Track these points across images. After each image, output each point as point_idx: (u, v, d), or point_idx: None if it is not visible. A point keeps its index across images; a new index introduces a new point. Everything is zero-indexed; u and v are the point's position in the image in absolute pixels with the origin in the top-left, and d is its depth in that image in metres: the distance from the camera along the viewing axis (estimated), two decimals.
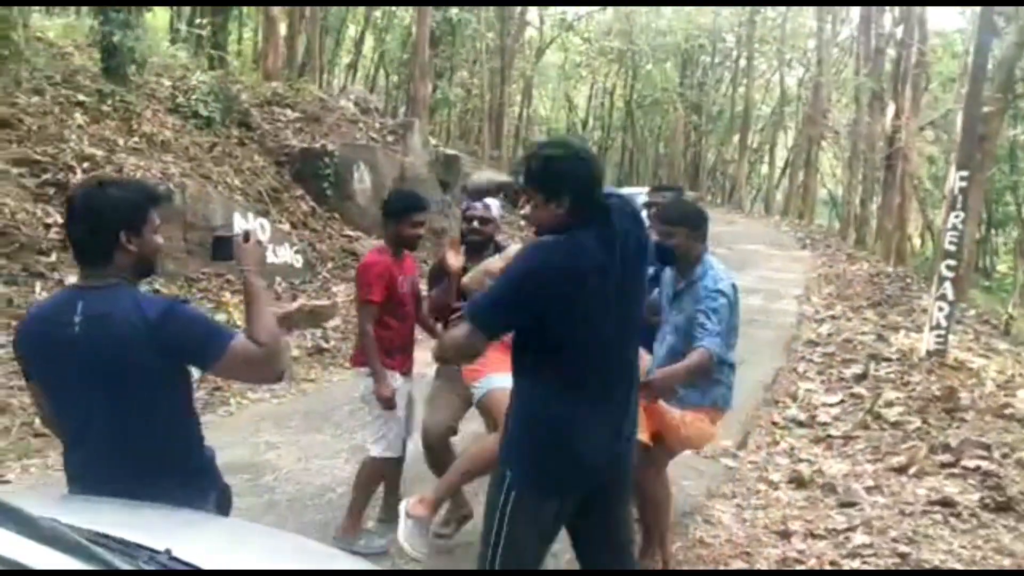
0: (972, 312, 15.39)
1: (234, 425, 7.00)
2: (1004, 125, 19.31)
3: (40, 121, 10.23)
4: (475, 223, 4.71)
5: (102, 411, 2.48)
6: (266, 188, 12.92)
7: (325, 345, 9.49)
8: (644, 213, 4.98)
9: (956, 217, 9.98)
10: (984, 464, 6.65)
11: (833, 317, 13.35)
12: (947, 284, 9.95)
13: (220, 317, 9.13)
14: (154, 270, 2.74)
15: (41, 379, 2.60)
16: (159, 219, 2.62)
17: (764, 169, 52.49)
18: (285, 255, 11.59)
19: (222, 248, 2.82)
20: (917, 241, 33.53)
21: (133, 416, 2.50)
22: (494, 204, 4.75)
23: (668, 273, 4.39)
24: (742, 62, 43.24)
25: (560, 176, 2.82)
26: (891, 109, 23.95)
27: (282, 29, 19.94)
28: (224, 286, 10.16)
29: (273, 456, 6.25)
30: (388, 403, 4.53)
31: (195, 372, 2.65)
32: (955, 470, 6.51)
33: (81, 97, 11.23)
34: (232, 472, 5.85)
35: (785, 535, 5.19)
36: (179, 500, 2.50)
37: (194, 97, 13.31)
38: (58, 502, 2.53)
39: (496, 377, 4.11)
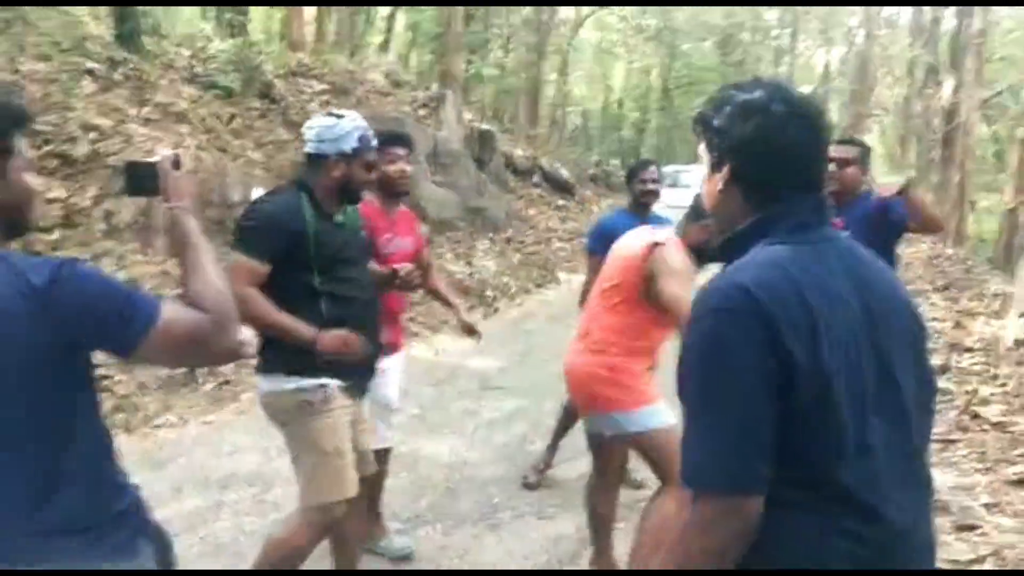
0: None
1: (244, 425, 6.15)
2: None
3: (44, 89, 9.44)
4: None
5: None
6: (289, 162, 12.09)
7: None
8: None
9: None
10: None
11: None
12: None
13: None
14: (26, 225, 1.80)
15: None
16: (27, 149, 1.74)
17: None
18: None
19: (141, 178, 2.02)
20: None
21: (20, 436, 1.63)
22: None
23: None
24: (784, 39, 41.91)
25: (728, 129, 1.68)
26: (949, 83, 22.72)
27: (311, 11, 19.22)
28: None
29: (283, 464, 5.35)
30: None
31: None
32: None
33: (90, 64, 10.43)
34: (238, 485, 5.04)
35: None
36: (94, 559, 1.68)
37: (213, 66, 12.51)
38: None
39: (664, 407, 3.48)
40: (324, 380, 3.08)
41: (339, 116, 3.19)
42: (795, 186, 1.63)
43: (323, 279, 3.11)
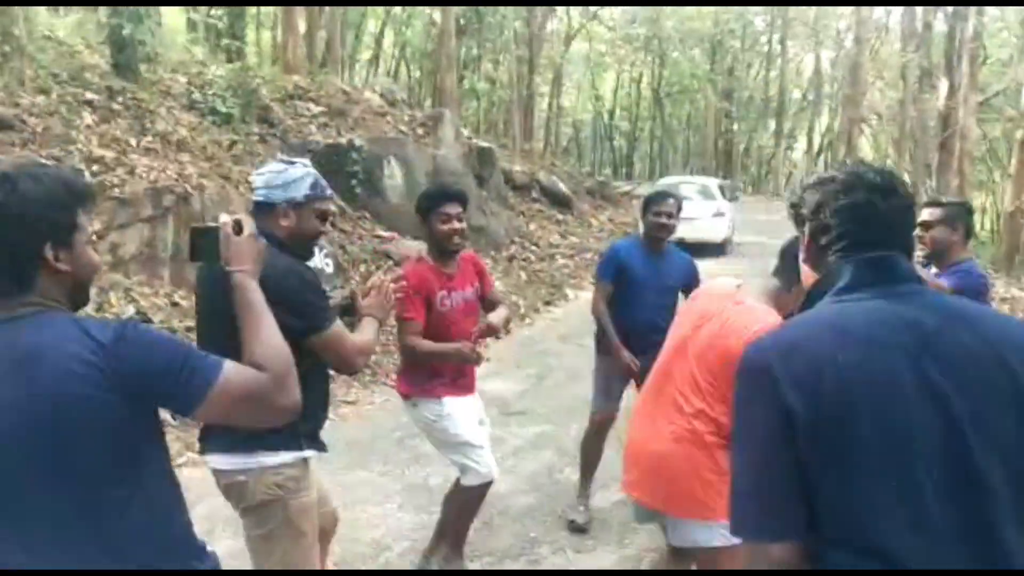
0: None
1: None
2: None
3: (45, 122, 9.33)
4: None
5: (42, 504, 1.65)
6: None
7: None
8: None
9: None
10: None
11: None
12: None
13: None
14: (87, 295, 1.85)
15: None
16: (89, 225, 1.79)
17: (795, 155, 51.55)
18: (314, 259, 10.61)
19: (204, 244, 2.10)
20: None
21: (96, 505, 1.67)
22: None
23: None
24: (774, 45, 42.08)
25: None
26: (944, 86, 22.73)
27: (301, 25, 19.17)
28: None
29: None
30: (471, 354, 3.94)
31: None
32: None
33: (89, 95, 10.34)
34: None
35: None
36: None
37: (211, 92, 12.41)
38: None
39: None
40: (307, 452, 2.85)
41: (290, 163, 2.95)
42: (859, 246, 1.70)
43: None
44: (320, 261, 10.60)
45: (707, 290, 3.33)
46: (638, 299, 4.81)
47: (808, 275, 1.82)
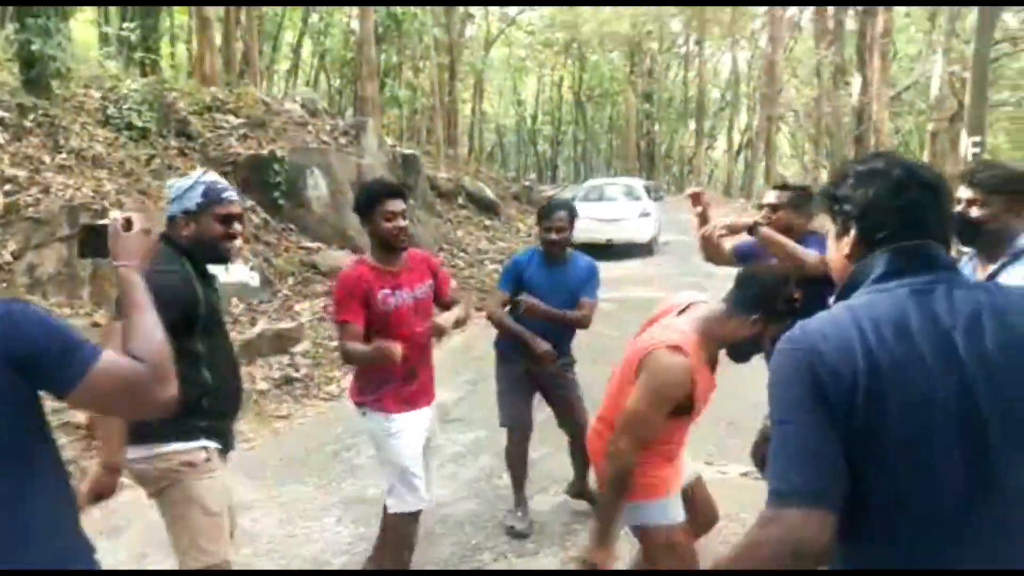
0: None
1: None
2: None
3: None
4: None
5: None
6: None
7: (295, 374, 8.36)
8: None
9: None
10: None
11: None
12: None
13: None
14: None
15: None
16: None
17: (716, 154, 52.35)
18: (239, 273, 10.45)
19: (93, 240, 2.18)
20: None
21: None
22: None
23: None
24: (691, 47, 42.70)
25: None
26: (857, 82, 23.30)
27: (217, 37, 18.84)
28: None
29: (248, 520, 5.15)
30: (389, 352, 3.49)
31: None
32: None
33: None
34: None
35: None
36: None
37: (126, 107, 12.11)
38: None
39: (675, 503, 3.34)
40: (204, 442, 3.03)
41: (184, 176, 3.16)
42: (903, 240, 1.68)
43: (204, 345, 3.04)
44: (245, 275, 10.45)
45: (667, 299, 3.45)
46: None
47: (843, 267, 1.77)
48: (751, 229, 4.23)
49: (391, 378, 3.78)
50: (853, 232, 1.73)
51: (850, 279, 1.73)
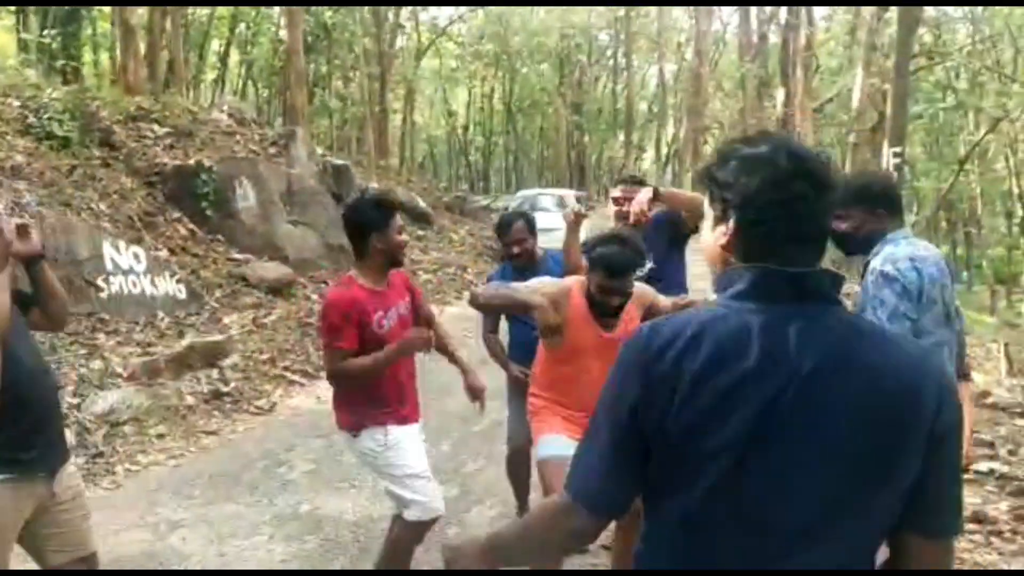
0: None
1: (124, 500, 5.71)
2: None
3: None
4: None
5: None
6: (137, 212, 11.47)
7: (224, 388, 8.17)
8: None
9: None
10: (995, 465, 5.97)
11: None
12: None
13: (95, 365, 7.77)
14: None
15: None
16: None
17: (645, 164, 52.90)
18: (166, 285, 10.21)
19: None
20: None
21: None
22: None
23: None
24: (619, 59, 43.15)
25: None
26: (781, 94, 23.78)
27: (141, 46, 18.45)
28: (97, 327, 8.76)
29: (177, 540, 5.01)
30: (418, 339, 3.66)
31: None
32: (966, 476, 5.71)
33: None
34: (132, 569, 4.64)
35: None
36: None
37: (47, 116, 11.75)
38: None
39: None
40: None
41: None
42: (793, 240, 1.54)
43: None
44: (172, 287, 10.21)
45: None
46: (515, 318, 4.78)
47: (717, 256, 1.65)
48: (655, 194, 4.29)
49: (386, 401, 3.71)
50: (732, 222, 1.58)
51: (720, 282, 1.60)
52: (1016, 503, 5.33)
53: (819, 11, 25.06)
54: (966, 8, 24.46)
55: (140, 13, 17.96)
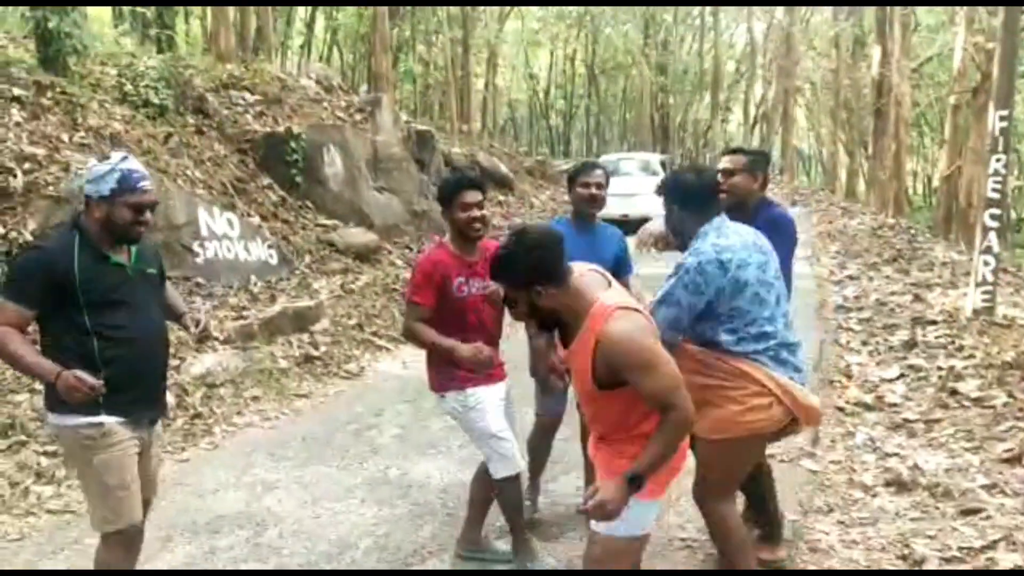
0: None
1: (222, 460, 5.95)
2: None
3: None
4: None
5: None
6: (230, 179, 11.77)
7: (314, 352, 8.39)
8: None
9: (998, 161, 9.11)
10: None
11: (851, 277, 12.50)
12: (991, 235, 9.09)
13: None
14: None
15: None
16: None
17: (731, 127, 51.95)
18: (258, 251, 10.48)
19: None
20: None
21: None
22: None
23: None
24: (706, 18, 42.28)
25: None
26: (877, 53, 23.01)
27: (231, 12, 18.74)
28: (193, 290, 9.06)
29: (273, 501, 5.20)
30: (482, 361, 3.80)
31: None
32: None
33: (17, 91, 9.97)
34: (229, 528, 4.81)
35: (915, 560, 4.24)
36: None
37: (143, 84, 12.06)
38: None
39: None
40: (101, 418, 3.20)
41: (107, 159, 3.27)
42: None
43: (93, 319, 3.18)
44: (264, 253, 10.47)
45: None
46: None
47: None
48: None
49: (461, 364, 3.87)
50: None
51: None
52: None
53: None
54: None
55: None
